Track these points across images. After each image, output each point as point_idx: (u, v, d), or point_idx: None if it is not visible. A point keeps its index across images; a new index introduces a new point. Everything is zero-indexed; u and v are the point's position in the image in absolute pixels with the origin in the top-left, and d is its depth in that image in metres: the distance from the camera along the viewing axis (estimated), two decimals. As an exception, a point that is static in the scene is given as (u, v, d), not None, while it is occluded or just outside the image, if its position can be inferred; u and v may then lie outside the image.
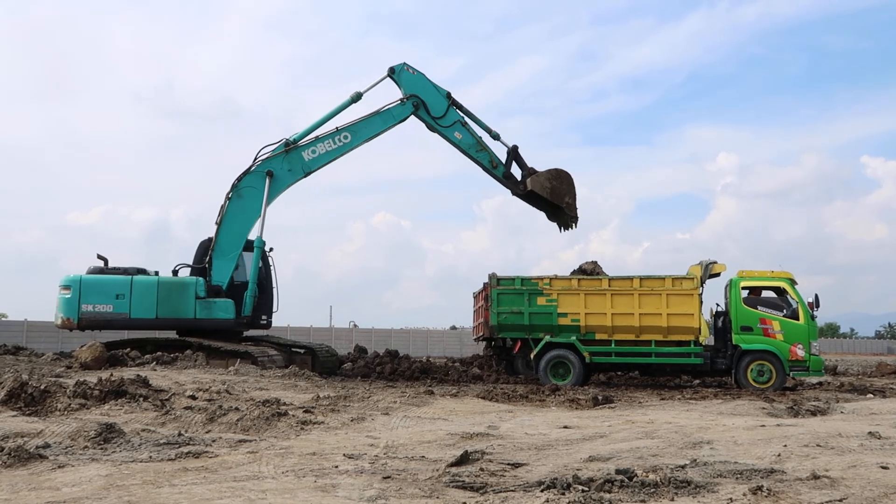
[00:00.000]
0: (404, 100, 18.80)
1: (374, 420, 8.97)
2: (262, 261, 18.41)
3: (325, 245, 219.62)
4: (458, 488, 5.16)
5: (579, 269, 18.39)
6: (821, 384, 17.96)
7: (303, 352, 18.93)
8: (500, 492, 4.99)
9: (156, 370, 13.86)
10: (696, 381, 18.41)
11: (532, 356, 16.87)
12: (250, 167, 18.23)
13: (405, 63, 19.02)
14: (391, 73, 18.97)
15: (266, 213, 18.02)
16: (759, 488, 4.91)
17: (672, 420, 9.49)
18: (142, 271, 17.84)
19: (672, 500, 4.80)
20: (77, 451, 6.41)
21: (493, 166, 19.03)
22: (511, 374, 18.46)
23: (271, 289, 19.00)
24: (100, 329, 17.98)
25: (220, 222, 18.05)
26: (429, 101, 18.79)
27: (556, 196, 18.90)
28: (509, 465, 6.09)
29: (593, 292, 16.72)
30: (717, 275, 16.81)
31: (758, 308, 16.35)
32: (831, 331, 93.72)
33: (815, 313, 16.18)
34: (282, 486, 5.18)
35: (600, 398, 12.25)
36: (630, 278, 16.72)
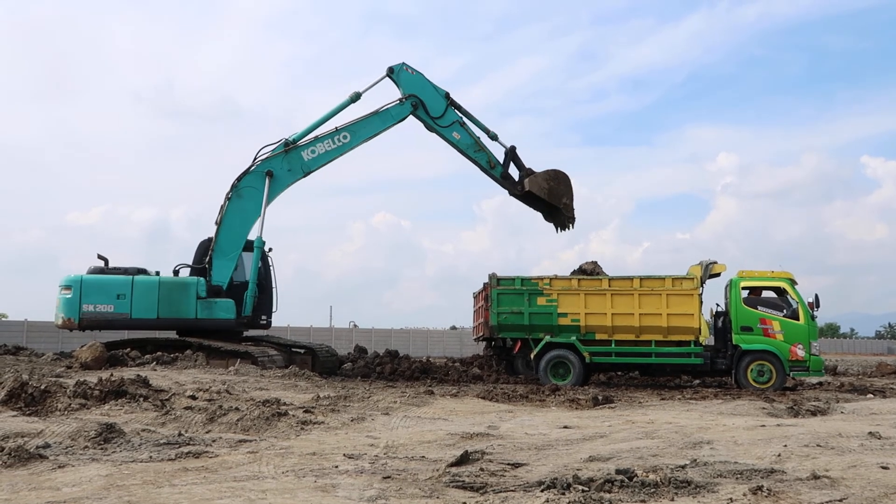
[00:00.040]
0: (403, 100, 18.81)
1: (374, 420, 8.97)
2: (261, 261, 18.41)
3: (325, 245, 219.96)
4: (458, 488, 5.16)
5: (579, 269, 18.39)
6: (821, 384, 17.96)
7: (303, 352, 18.93)
8: (500, 492, 4.99)
9: (156, 370, 13.86)
10: (696, 382, 18.40)
11: (532, 356, 16.87)
12: (250, 167, 18.23)
13: (404, 63, 19.03)
14: (390, 72, 18.98)
15: (266, 212, 18.04)
16: (760, 488, 4.91)
17: (672, 420, 9.49)
18: (142, 271, 17.83)
19: (672, 500, 4.80)
20: (77, 451, 6.41)
21: (491, 167, 19.04)
22: (511, 374, 18.45)
23: (271, 289, 19.01)
24: (101, 329, 17.97)
25: (219, 222, 18.05)
26: (427, 101, 18.80)
27: (553, 197, 18.92)
28: (509, 465, 6.09)
29: (593, 292, 16.72)
30: (717, 275, 16.81)
31: (758, 308, 16.35)
32: (831, 331, 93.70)
33: (815, 313, 16.18)
34: (282, 486, 5.18)
35: (600, 398, 12.25)
36: (630, 278, 16.72)
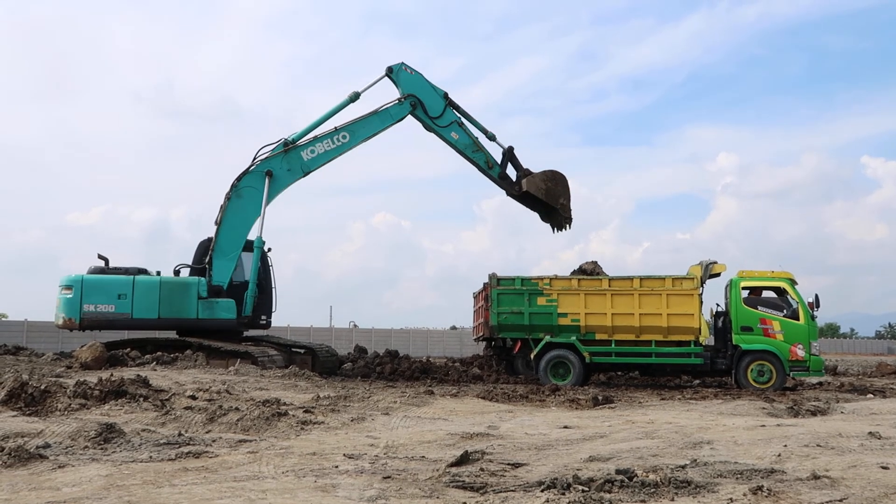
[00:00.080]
0: (402, 99, 18.82)
1: (374, 420, 8.97)
2: (260, 261, 18.40)
3: (325, 245, 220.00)
4: (458, 488, 5.16)
5: (579, 269, 18.39)
6: (821, 384, 17.95)
7: (303, 352, 18.93)
8: (500, 492, 4.99)
9: (156, 370, 13.86)
10: (696, 382, 18.40)
11: (532, 356, 16.87)
12: (249, 167, 18.23)
13: (403, 63, 19.05)
14: (389, 72, 18.99)
15: (266, 212, 18.04)
16: (760, 488, 4.91)
17: (672, 420, 9.49)
18: (143, 271, 17.82)
19: (672, 500, 4.80)
20: (77, 451, 6.40)
21: (489, 167, 19.06)
22: (511, 374, 18.45)
23: (270, 289, 19.02)
24: (101, 329, 17.95)
25: (219, 222, 18.05)
26: (426, 101, 18.82)
27: (550, 197, 18.94)
28: (509, 465, 6.09)
29: (593, 292, 16.72)
30: (718, 275, 16.80)
31: (758, 308, 16.35)
32: (831, 331, 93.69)
33: (815, 313, 16.18)
34: (282, 486, 5.18)
35: (600, 398, 12.25)
36: (630, 278, 16.72)
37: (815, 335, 16.32)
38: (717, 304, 17.34)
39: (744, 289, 16.50)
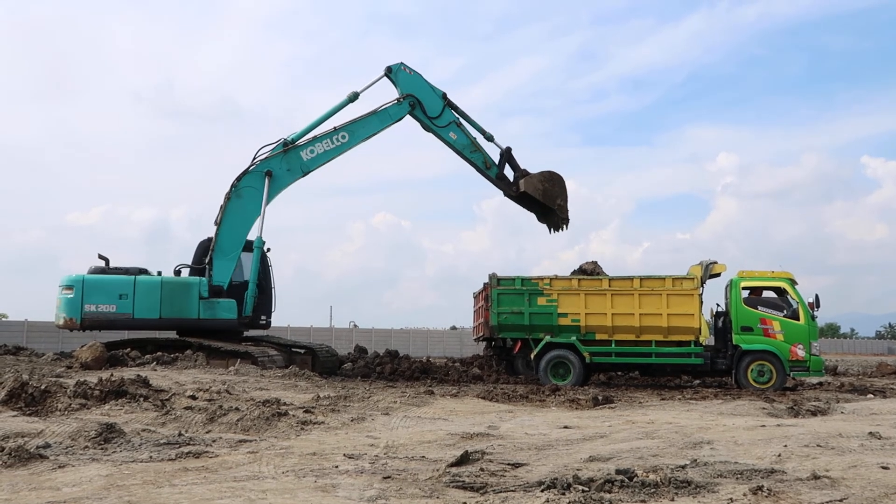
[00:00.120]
0: (401, 99, 18.84)
1: (375, 420, 8.97)
2: (260, 261, 18.40)
3: (325, 245, 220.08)
4: (458, 488, 5.16)
5: (579, 270, 18.40)
6: (821, 384, 17.95)
7: (303, 352, 18.94)
8: (501, 492, 4.99)
9: (156, 370, 13.86)
10: (697, 382, 18.40)
11: (532, 356, 16.87)
12: (249, 167, 18.23)
13: (402, 63, 19.06)
14: (388, 72, 19.01)
15: (266, 212, 18.04)
16: (760, 488, 4.91)
17: (672, 420, 9.49)
18: (143, 271, 17.82)
19: (672, 500, 4.80)
20: (77, 451, 6.41)
21: (487, 167, 19.09)
22: (511, 374, 18.45)
23: (270, 289, 19.03)
24: (102, 329, 17.95)
25: (219, 222, 18.05)
26: (425, 101, 18.85)
27: (548, 198, 18.96)
28: (509, 465, 6.09)
29: (593, 292, 16.73)
30: (718, 275, 16.80)
31: (758, 308, 16.35)
32: (831, 331, 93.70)
33: (815, 313, 16.18)
34: (282, 486, 5.18)
35: (600, 398, 12.25)
36: (630, 278, 16.72)
37: (816, 335, 16.33)
38: (718, 304, 17.36)
39: (744, 289, 16.50)
